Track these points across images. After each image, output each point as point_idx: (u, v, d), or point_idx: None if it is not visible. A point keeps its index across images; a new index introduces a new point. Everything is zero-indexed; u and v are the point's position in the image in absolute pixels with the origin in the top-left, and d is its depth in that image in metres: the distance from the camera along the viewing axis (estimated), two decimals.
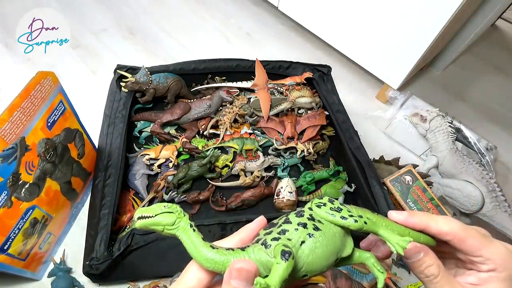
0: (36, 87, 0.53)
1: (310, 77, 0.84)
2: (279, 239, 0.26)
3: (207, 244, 0.25)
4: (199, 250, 0.25)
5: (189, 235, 0.26)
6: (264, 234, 0.27)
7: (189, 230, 0.26)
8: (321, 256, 0.26)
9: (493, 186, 0.74)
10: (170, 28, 1.17)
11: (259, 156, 0.78)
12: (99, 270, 0.55)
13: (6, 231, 0.51)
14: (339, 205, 0.28)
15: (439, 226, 0.27)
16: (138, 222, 0.25)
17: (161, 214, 0.26)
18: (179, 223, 0.26)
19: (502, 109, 1.13)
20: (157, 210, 0.26)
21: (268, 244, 0.25)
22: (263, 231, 0.27)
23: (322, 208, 0.28)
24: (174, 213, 0.26)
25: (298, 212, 0.28)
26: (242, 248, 0.26)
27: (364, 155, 0.73)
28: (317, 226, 0.27)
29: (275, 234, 0.26)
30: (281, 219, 0.28)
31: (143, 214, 0.25)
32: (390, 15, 0.88)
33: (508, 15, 1.39)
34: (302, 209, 0.29)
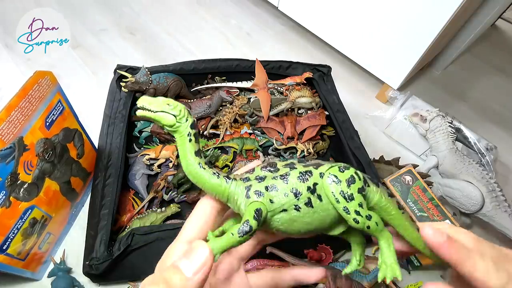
0: (34, 87, 0.53)
1: (310, 77, 0.84)
2: (260, 195, 0.25)
3: (197, 158, 0.25)
4: (187, 161, 0.25)
5: (183, 143, 0.25)
6: (255, 177, 0.26)
7: (185, 138, 0.25)
8: (297, 229, 0.25)
9: (493, 186, 0.74)
10: (170, 28, 1.17)
11: (259, 156, 0.78)
12: (99, 270, 0.55)
13: (5, 231, 0.51)
14: (357, 190, 0.24)
15: (475, 274, 0.21)
16: (139, 111, 0.25)
17: (162, 112, 0.25)
18: (178, 128, 0.25)
19: (502, 109, 1.13)
20: (161, 106, 0.25)
21: (248, 194, 0.25)
22: (259, 169, 0.26)
23: (333, 185, 0.24)
24: (175, 117, 0.25)
25: (304, 173, 0.25)
26: (228, 177, 0.26)
27: (364, 155, 0.73)
28: (311, 201, 0.25)
29: (262, 186, 0.25)
30: (283, 167, 0.26)
31: (145, 105, 0.25)
32: (390, 15, 0.88)
33: (508, 15, 1.39)
34: (310, 170, 0.25)
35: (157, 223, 0.66)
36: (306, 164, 0.26)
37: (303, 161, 0.27)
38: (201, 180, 0.25)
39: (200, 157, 0.26)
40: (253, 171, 0.26)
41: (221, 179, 0.25)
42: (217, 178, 0.25)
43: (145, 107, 0.25)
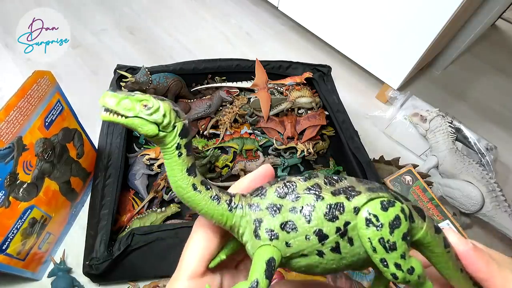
0: (33, 87, 0.53)
1: (310, 77, 0.84)
2: (274, 237, 0.19)
3: (190, 178, 0.20)
4: (176, 182, 0.20)
5: (171, 158, 0.20)
6: (267, 205, 0.20)
7: (173, 153, 0.19)
8: (319, 272, 0.20)
9: (493, 186, 0.74)
10: (170, 28, 1.17)
11: (259, 156, 0.78)
12: (99, 270, 0.55)
13: (4, 231, 0.51)
14: (401, 237, 0.18)
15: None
16: (103, 115, 0.18)
17: (138, 118, 0.18)
18: (162, 138, 0.19)
19: (502, 109, 1.13)
20: (134, 108, 0.18)
21: (258, 233, 0.20)
22: (272, 192, 0.20)
23: (372, 230, 0.18)
24: (157, 125, 0.19)
25: (334, 207, 0.19)
26: (232, 201, 0.20)
27: (364, 155, 0.73)
28: (339, 246, 0.19)
29: (277, 222, 0.19)
30: (305, 192, 0.19)
31: (111, 105, 0.18)
32: (390, 15, 0.88)
33: (508, 15, 1.39)
34: (342, 202, 0.19)
35: (157, 223, 0.66)
36: (336, 190, 0.19)
37: (331, 181, 0.20)
38: (196, 205, 0.20)
39: (194, 175, 0.20)
40: (264, 193, 0.20)
41: (222, 205, 0.20)
42: (217, 203, 0.20)
43: (112, 110, 0.18)
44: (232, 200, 0.21)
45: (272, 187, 0.20)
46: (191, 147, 0.20)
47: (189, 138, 0.20)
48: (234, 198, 0.21)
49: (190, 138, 0.20)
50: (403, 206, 0.18)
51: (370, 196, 0.19)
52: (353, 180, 0.20)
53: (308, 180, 0.20)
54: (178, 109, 0.19)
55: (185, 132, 0.20)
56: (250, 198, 0.21)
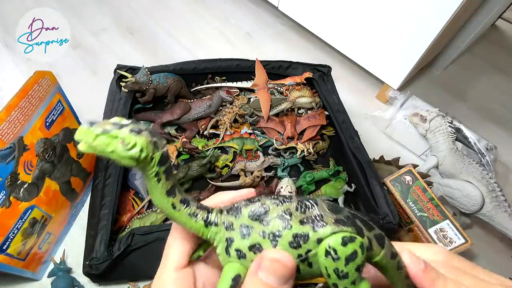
0: (34, 87, 0.53)
1: (310, 77, 0.84)
2: (242, 257, 0.21)
3: (169, 199, 0.22)
4: (157, 202, 0.22)
5: (150, 183, 0.21)
6: (240, 226, 0.21)
7: (152, 179, 0.21)
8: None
9: (493, 186, 0.74)
10: (170, 28, 1.17)
11: (259, 156, 0.78)
12: (99, 270, 0.55)
13: (5, 231, 0.51)
14: (354, 268, 0.20)
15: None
16: (80, 147, 0.19)
17: (115, 154, 0.19)
18: (142, 168, 0.20)
19: (502, 109, 1.13)
20: (111, 145, 0.19)
21: (229, 251, 0.21)
22: (246, 213, 0.22)
23: (329, 261, 0.20)
24: (135, 159, 0.19)
25: (299, 237, 0.20)
26: (208, 220, 0.22)
27: (364, 155, 0.73)
28: (299, 269, 0.21)
29: (246, 244, 0.21)
30: (276, 218, 0.21)
31: (88, 141, 0.19)
32: (390, 15, 0.88)
33: (508, 15, 1.39)
34: (307, 233, 0.20)
35: (157, 223, 0.66)
36: (305, 218, 0.21)
37: (303, 207, 0.21)
38: (176, 220, 0.23)
39: (173, 195, 0.22)
40: (239, 212, 0.22)
41: (200, 221, 0.22)
42: (194, 220, 0.22)
43: (89, 144, 0.19)
44: (209, 217, 0.23)
45: (247, 207, 0.22)
46: (170, 172, 0.22)
47: (167, 164, 0.21)
48: (211, 214, 0.23)
49: (168, 164, 0.21)
50: (363, 241, 0.20)
51: (333, 230, 0.20)
52: (325, 208, 0.22)
53: (282, 204, 0.22)
54: (156, 139, 0.20)
55: (164, 160, 0.21)
56: (226, 216, 0.23)
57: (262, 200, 0.22)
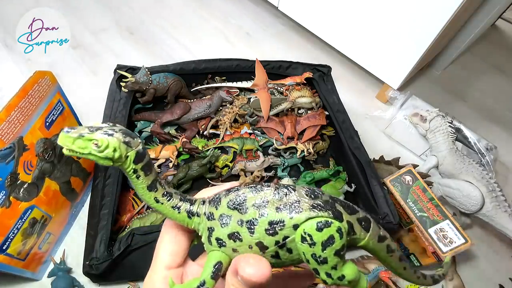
0: (34, 87, 0.53)
1: (310, 77, 0.84)
2: (222, 245, 0.22)
3: (151, 193, 0.23)
4: (140, 195, 0.23)
5: (130, 178, 0.22)
6: (219, 216, 0.22)
7: (131, 175, 0.22)
8: None
9: (493, 186, 0.74)
10: (170, 28, 1.17)
11: (259, 156, 0.78)
12: (99, 270, 0.55)
13: (4, 231, 0.51)
14: (333, 253, 0.20)
15: None
16: (64, 151, 0.21)
17: (92, 155, 0.21)
18: (120, 166, 0.22)
19: (502, 109, 1.13)
20: (86, 147, 0.20)
21: (210, 240, 0.22)
22: (225, 203, 0.22)
23: (305, 247, 0.20)
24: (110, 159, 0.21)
25: (274, 224, 0.21)
26: (191, 211, 0.23)
27: (364, 155, 0.73)
28: (279, 254, 0.21)
29: (225, 233, 0.22)
30: (253, 206, 0.21)
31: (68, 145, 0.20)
32: (390, 15, 0.88)
33: (508, 15, 1.39)
34: (282, 219, 0.21)
35: (157, 223, 0.66)
36: (282, 205, 0.21)
37: (280, 193, 0.21)
38: (161, 212, 0.24)
39: (155, 190, 0.23)
40: (218, 203, 0.23)
41: (183, 213, 0.23)
42: (177, 212, 0.23)
43: (69, 148, 0.21)
44: (191, 209, 0.24)
45: (226, 197, 0.23)
46: (149, 167, 0.23)
47: (145, 161, 0.22)
48: (193, 206, 0.24)
49: (146, 161, 0.22)
50: (341, 225, 0.20)
51: (309, 215, 0.20)
52: (302, 193, 0.21)
53: (259, 192, 0.22)
54: (129, 139, 0.21)
55: (140, 157, 0.22)
56: (207, 206, 0.23)
57: (240, 190, 0.22)
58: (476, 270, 0.77)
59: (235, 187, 0.23)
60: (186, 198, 0.24)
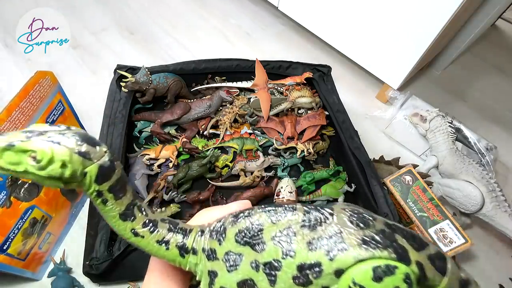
0: (35, 87, 0.53)
1: (310, 77, 0.84)
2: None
3: (126, 224, 0.16)
4: (115, 228, 0.17)
5: (98, 206, 0.16)
6: (224, 255, 0.16)
7: (95, 200, 0.16)
8: None
9: (493, 186, 0.74)
10: (170, 28, 1.17)
11: (259, 156, 0.78)
12: (99, 270, 0.55)
13: (5, 231, 0.51)
14: None
15: None
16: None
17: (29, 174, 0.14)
18: (78, 187, 0.15)
19: (502, 109, 1.13)
20: (24, 162, 0.14)
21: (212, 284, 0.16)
22: (232, 236, 0.16)
23: None
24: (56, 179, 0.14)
25: (307, 268, 0.14)
26: (184, 247, 0.17)
27: (364, 155, 0.73)
28: None
29: (234, 280, 0.15)
30: (271, 241, 0.15)
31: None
32: (390, 15, 0.88)
33: (508, 15, 1.39)
34: (319, 262, 0.14)
35: None
36: (315, 239, 0.14)
37: (312, 221, 0.15)
38: (144, 249, 0.18)
39: (131, 218, 0.17)
40: (223, 235, 0.16)
41: (172, 250, 0.17)
42: (165, 249, 0.17)
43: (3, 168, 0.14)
44: (185, 244, 0.17)
45: (233, 226, 0.16)
46: (122, 187, 0.16)
47: (114, 178, 0.16)
48: (187, 240, 0.17)
49: (117, 177, 0.16)
50: (409, 270, 0.13)
51: (359, 256, 0.13)
52: (345, 220, 0.14)
53: (281, 218, 0.15)
54: (87, 148, 0.14)
55: (106, 174, 0.15)
56: (207, 239, 0.17)
57: (253, 214, 0.16)
58: (476, 270, 0.77)
59: (246, 210, 0.16)
60: (177, 227, 0.18)
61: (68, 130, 0.15)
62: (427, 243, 0.15)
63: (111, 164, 0.15)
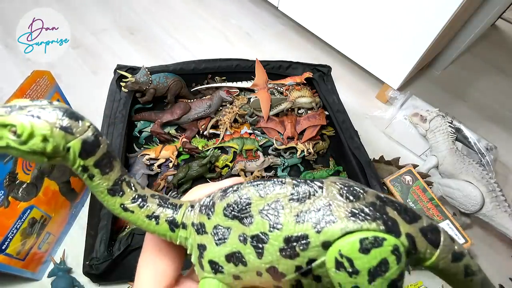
0: (32, 86, 0.53)
1: (310, 77, 0.84)
2: (219, 271, 0.16)
3: (115, 199, 0.17)
4: (105, 204, 0.17)
5: (86, 182, 0.16)
6: (213, 228, 0.16)
7: (83, 176, 0.16)
8: None
9: (493, 186, 0.74)
10: (170, 28, 1.17)
11: (259, 156, 0.78)
12: (99, 270, 0.55)
13: (3, 231, 0.51)
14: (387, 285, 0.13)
15: None
16: None
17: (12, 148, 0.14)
18: (62, 162, 0.15)
19: (502, 109, 1.13)
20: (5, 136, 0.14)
21: (202, 263, 0.17)
22: (221, 209, 0.16)
23: (343, 277, 0.14)
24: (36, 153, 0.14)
25: (293, 240, 0.14)
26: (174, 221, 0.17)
27: (364, 155, 0.73)
28: (302, 285, 0.15)
29: (222, 253, 0.16)
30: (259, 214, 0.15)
31: None
32: (390, 15, 0.88)
33: (508, 15, 1.39)
34: (306, 234, 0.14)
35: None
36: (303, 212, 0.14)
37: (300, 194, 0.15)
38: (134, 224, 0.18)
39: (120, 193, 0.17)
40: (212, 209, 0.16)
41: (162, 224, 0.17)
42: (155, 224, 0.17)
43: None
44: (175, 219, 0.17)
45: (222, 201, 0.16)
46: (109, 161, 0.16)
47: (100, 153, 0.16)
48: (177, 215, 0.17)
49: (102, 153, 0.16)
50: (398, 242, 0.13)
51: (348, 228, 0.13)
52: (334, 192, 0.14)
53: (270, 191, 0.15)
54: (69, 122, 0.14)
55: (90, 148, 0.15)
56: (197, 213, 0.17)
57: (242, 188, 0.16)
58: None
59: (236, 185, 0.17)
60: (167, 202, 0.18)
61: (50, 105, 0.15)
62: (420, 216, 0.15)
63: (95, 139, 0.15)
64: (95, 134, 0.15)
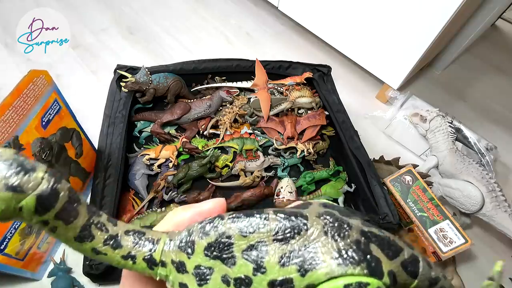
0: (29, 86, 0.53)
1: (310, 77, 0.84)
2: None
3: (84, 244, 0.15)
4: (77, 250, 0.16)
5: (50, 235, 0.15)
6: (194, 268, 0.15)
7: (45, 229, 0.15)
8: None
9: (493, 186, 0.74)
10: (170, 28, 1.17)
11: (259, 156, 0.78)
12: (99, 270, 0.55)
13: (1, 231, 0.51)
14: None
15: None
16: None
17: None
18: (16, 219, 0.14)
19: (502, 109, 1.13)
20: None
21: None
22: (201, 249, 0.15)
23: None
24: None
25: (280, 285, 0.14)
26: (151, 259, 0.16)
27: (364, 155, 0.73)
28: None
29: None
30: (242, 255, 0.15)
31: None
32: (390, 15, 0.88)
33: (508, 15, 1.39)
34: (291, 278, 0.14)
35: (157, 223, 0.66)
36: (288, 254, 0.14)
37: (286, 234, 0.15)
38: (109, 263, 0.17)
39: (90, 239, 0.15)
40: (192, 247, 0.15)
41: (140, 263, 0.16)
42: (132, 263, 0.16)
43: None
44: (152, 256, 0.16)
45: (202, 240, 0.15)
46: (72, 208, 0.15)
47: (59, 204, 0.14)
48: (154, 252, 0.16)
49: (63, 203, 0.14)
50: (380, 284, 0.13)
51: (332, 273, 0.13)
52: (320, 231, 0.14)
53: (252, 230, 0.15)
54: (18, 179, 0.13)
55: (47, 203, 0.13)
56: (175, 251, 0.16)
57: (222, 225, 0.15)
58: (476, 270, 0.77)
59: (216, 217, 0.16)
60: (143, 237, 0.17)
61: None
62: (402, 247, 0.15)
63: (52, 190, 0.13)
64: (51, 184, 0.14)
